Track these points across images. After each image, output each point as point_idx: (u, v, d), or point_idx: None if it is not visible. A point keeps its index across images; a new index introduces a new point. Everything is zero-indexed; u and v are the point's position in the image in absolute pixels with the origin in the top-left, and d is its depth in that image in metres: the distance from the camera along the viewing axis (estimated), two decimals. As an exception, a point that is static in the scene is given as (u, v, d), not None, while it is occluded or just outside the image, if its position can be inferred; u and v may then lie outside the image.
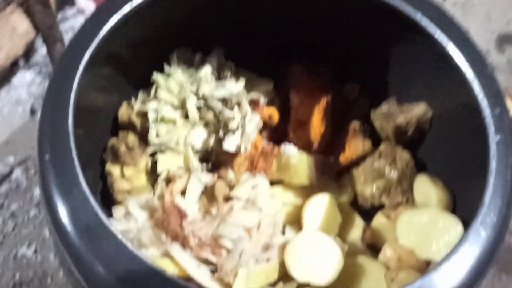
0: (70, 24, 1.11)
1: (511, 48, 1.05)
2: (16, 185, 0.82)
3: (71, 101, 0.48)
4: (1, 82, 0.92)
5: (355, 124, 0.69)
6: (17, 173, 0.84)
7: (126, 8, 0.54)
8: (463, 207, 0.59)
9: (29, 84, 0.94)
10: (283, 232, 0.61)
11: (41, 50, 1.03)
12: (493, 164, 0.45)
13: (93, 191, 0.63)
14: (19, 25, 0.92)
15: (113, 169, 0.64)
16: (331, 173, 0.67)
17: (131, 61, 0.65)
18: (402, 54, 0.66)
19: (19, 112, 0.91)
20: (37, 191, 0.85)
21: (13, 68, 0.94)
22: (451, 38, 0.56)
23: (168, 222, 0.58)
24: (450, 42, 0.54)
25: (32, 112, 0.90)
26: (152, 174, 0.65)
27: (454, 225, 0.54)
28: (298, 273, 0.54)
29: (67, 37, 1.06)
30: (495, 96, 0.48)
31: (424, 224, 0.56)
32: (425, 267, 0.56)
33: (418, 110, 0.66)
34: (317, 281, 0.54)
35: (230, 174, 0.65)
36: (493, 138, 0.46)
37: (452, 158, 0.63)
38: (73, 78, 0.52)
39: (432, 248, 0.54)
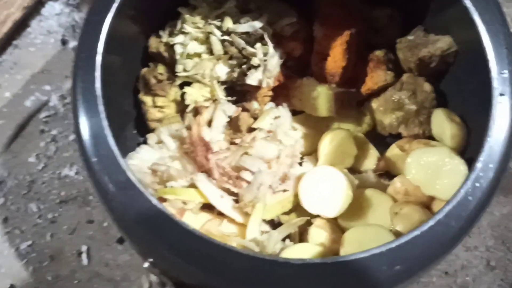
0: None
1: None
2: (54, 112, 0.86)
3: (104, 35, 0.52)
4: (32, 13, 0.92)
5: (378, 53, 0.70)
6: (54, 101, 0.87)
7: None
8: (474, 143, 0.61)
9: (58, 14, 0.95)
10: (301, 164, 0.66)
11: None
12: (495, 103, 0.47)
13: (129, 118, 0.70)
14: None
15: (146, 99, 0.68)
16: (352, 104, 0.69)
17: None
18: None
19: (51, 42, 0.92)
20: None
21: (41, -1, 0.96)
22: None
23: (194, 154, 0.64)
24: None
25: (64, 42, 0.92)
26: (182, 103, 0.69)
27: (459, 167, 0.57)
28: (310, 206, 0.60)
29: None
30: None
31: (432, 163, 0.59)
32: (430, 202, 0.61)
33: (442, 43, 0.65)
34: (326, 214, 0.59)
35: (254, 105, 0.68)
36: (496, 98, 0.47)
37: (472, 94, 0.63)
38: (106, 12, 0.56)
39: (437, 186, 0.58)
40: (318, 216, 0.60)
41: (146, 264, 0.46)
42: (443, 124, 0.64)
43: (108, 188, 0.47)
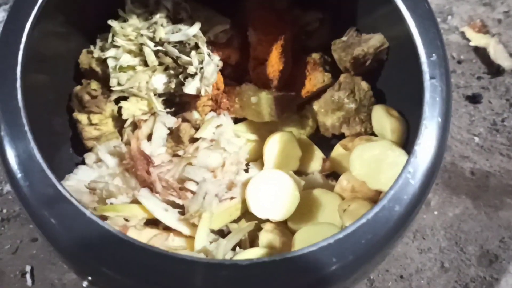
0: None
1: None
2: None
3: (22, 46, 0.49)
4: None
5: (314, 56, 0.70)
6: None
7: None
8: (413, 134, 0.62)
9: (1, 22, 0.91)
10: (247, 171, 0.65)
11: None
12: (427, 97, 0.48)
13: (63, 139, 0.67)
14: None
15: (81, 117, 0.66)
16: (293, 108, 0.69)
17: (86, 6, 0.65)
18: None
19: None
20: None
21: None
22: None
23: (135, 169, 0.61)
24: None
25: None
26: (119, 119, 0.67)
27: (401, 158, 0.58)
28: (258, 211, 0.59)
29: None
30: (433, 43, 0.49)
31: (375, 157, 0.59)
32: (377, 196, 0.61)
33: (374, 41, 0.66)
34: (275, 217, 0.58)
35: (195, 115, 0.67)
36: (427, 80, 0.48)
37: (406, 89, 0.64)
38: (24, 23, 0.53)
39: (382, 180, 0.58)
40: (267, 220, 0.59)
41: (84, 284, 0.42)
42: (382, 119, 0.65)
43: (41, 211, 0.44)
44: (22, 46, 0.52)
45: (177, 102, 0.68)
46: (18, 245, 0.73)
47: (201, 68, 0.63)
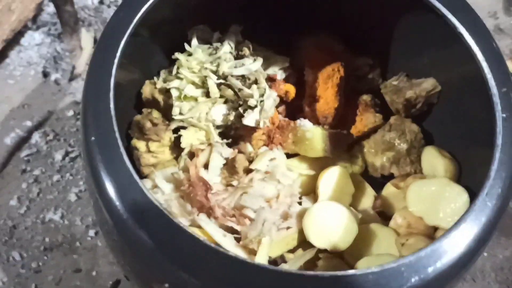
0: None
1: (519, 9, 1.02)
2: (36, 150, 0.83)
3: (112, 86, 0.51)
4: (10, 43, 0.89)
5: (366, 97, 0.73)
6: (36, 137, 0.84)
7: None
8: (468, 176, 0.63)
9: (38, 45, 0.93)
10: (300, 203, 0.66)
11: (47, 9, 1.01)
12: (499, 140, 0.49)
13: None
14: None
15: (139, 144, 0.67)
16: (344, 145, 0.71)
17: (153, 41, 0.68)
18: (411, 30, 0.68)
19: (32, 74, 0.89)
20: (57, 156, 0.86)
21: (20, 28, 0.93)
22: (459, 16, 0.58)
23: (194, 194, 0.62)
24: (458, 19, 0.57)
25: (45, 75, 0.90)
26: (176, 148, 0.68)
27: (460, 194, 0.58)
28: (317, 240, 0.58)
29: None
30: (503, 75, 0.51)
31: (432, 193, 0.60)
32: (432, 233, 0.61)
33: (427, 84, 0.69)
34: (334, 247, 0.58)
35: (249, 148, 0.69)
36: (500, 116, 0.50)
37: (458, 130, 0.66)
38: (111, 64, 0.56)
39: (440, 215, 0.59)
40: (325, 251, 0.59)
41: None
42: (435, 160, 0.66)
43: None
44: (112, 86, 0.55)
45: (232, 135, 0.70)
46: (61, 276, 0.72)
47: (261, 101, 0.66)
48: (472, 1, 0.57)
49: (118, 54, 0.54)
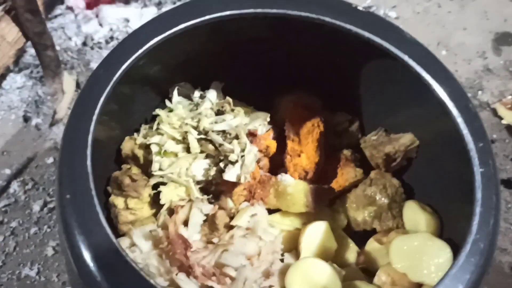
0: (59, 22, 1.09)
1: (508, 49, 0.99)
2: (14, 200, 0.81)
3: (89, 143, 0.51)
4: None
5: (346, 152, 0.74)
6: (14, 186, 0.82)
7: (134, 55, 0.57)
8: (450, 230, 0.63)
9: (20, 88, 0.91)
10: (282, 260, 0.64)
11: (30, 50, 1.00)
12: (478, 194, 0.49)
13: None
14: (8, 33, 0.88)
15: (117, 201, 0.66)
16: (326, 200, 0.70)
17: (133, 98, 0.69)
18: (387, 87, 0.70)
19: (12, 119, 0.88)
20: (35, 207, 0.84)
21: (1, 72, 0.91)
22: (434, 74, 0.60)
23: (173, 252, 0.60)
24: (433, 78, 0.58)
25: (26, 120, 0.89)
26: (155, 204, 0.67)
27: (443, 250, 0.58)
28: (299, 299, 0.57)
29: (57, 35, 1.04)
30: (479, 130, 0.52)
31: (415, 249, 0.60)
32: (417, 289, 0.60)
33: (405, 140, 0.70)
34: (317, 306, 0.56)
35: (230, 203, 0.68)
36: (478, 170, 0.50)
37: (438, 184, 0.67)
38: (89, 121, 0.55)
39: (424, 271, 0.58)
40: (308, 310, 0.57)
41: None
42: (416, 215, 0.66)
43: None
44: (89, 143, 0.54)
45: (213, 190, 0.69)
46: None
47: (242, 156, 0.66)
48: (460, 41, 0.58)
49: (97, 111, 0.54)
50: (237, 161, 0.65)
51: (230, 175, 0.65)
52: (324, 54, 0.68)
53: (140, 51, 0.55)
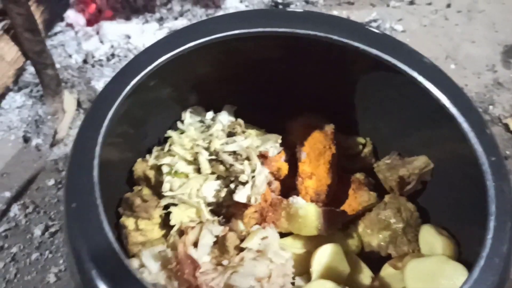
0: (59, 39, 1.07)
1: (518, 61, 0.97)
2: (14, 224, 0.79)
3: (96, 155, 0.51)
4: None
5: (359, 176, 0.73)
6: (15, 210, 0.80)
7: (143, 72, 0.58)
8: (467, 254, 0.61)
9: (19, 108, 0.89)
10: (293, 283, 0.63)
11: (30, 69, 0.98)
12: (492, 208, 0.47)
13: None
14: (7, 52, 0.86)
15: (128, 222, 0.66)
16: (339, 224, 0.69)
17: (146, 121, 0.70)
18: (402, 111, 0.70)
19: (12, 140, 0.86)
20: (37, 232, 0.82)
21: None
22: (447, 93, 0.60)
23: (181, 272, 0.59)
24: (446, 97, 0.58)
25: (26, 140, 0.87)
26: (165, 226, 0.67)
27: (460, 272, 0.56)
28: (310, 322, 0.55)
29: (57, 52, 1.02)
30: (491, 146, 0.51)
31: (431, 271, 0.58)
32: (434, 314, 0.57)
33: (419, 162, 0.69)
34: (328, 330, 0.54)
35: (241, 226, 0.67)
36: (491, 185, 0.49)
37: (454, 206, 0.65)
38: (97, 136, 0.56)
39: (440, 294, 0.56)
40: (320, 334, 0.55)
41: None
42: (432, 238, 0.64)
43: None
44: (97, 155, 0.55)
45: (224, 213, 0.68)
46: None
47: (253, 176, 0.65)
48: (470, 54, 0.57)
49: (103, 127, 0.54)
50: (247, 182, 0.65)
51: (240, 196, 0.65)
52: (335, 75, 0.69)
53: (148, 69, 0.56)
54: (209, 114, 0.72)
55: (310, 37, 0.57)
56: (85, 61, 1.06)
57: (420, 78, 0.58)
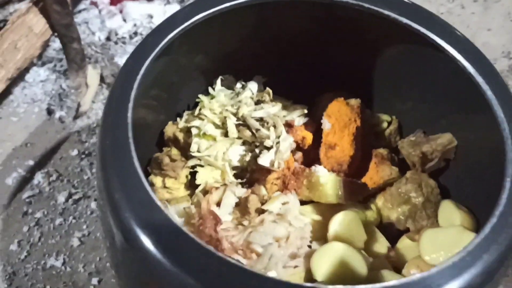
0: (83, 17, 1.10)
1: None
2: (38, 191, 0.81)
3: (129, 113, 0.54)
4: (15, 79, 0.87)
5: (382, 151, 0.74)
6: (38, 178, 0.82)
7: (175, 33, 0.60)
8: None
9: (43, 81, 0.91)
10: (310, 246, 0.64)
11: (53, 45, 1.00)
12: (509, 170, 0.48)
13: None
14: (35, 24, 0.89)
15: (156, 180, 0.69)
16: (359, 196, 0.70)
17: (179, 84, 0.73)
18: (433, 90, 0.70)
19: (36, 112, 0.87)
20: (60, 198, 0.84)
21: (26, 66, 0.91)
22: (485, 77, 0.59)
23: (203, 227, 0.62)
24: (483, 80, 0.57)
25: (49, 112, 0.88)
26: (190, 186, 0.70)
27: (476, 242, 0.56)
28: (324, 280, 0.56)
29: (81, 30, 1.05)
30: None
31: (447, 241, 0.58)
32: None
33: (443, 139, 0.69)
34: None
35: (263, 191, 0.69)
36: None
37: (476, 187, 0.65)
38: (129, 93, 0.59)
39: (455, 263, 0.56)
40: (332, 291, 0.56)
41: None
42: (452, 213, 0.65)
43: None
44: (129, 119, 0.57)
45: (247, 178, 0.71)
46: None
47: (278, 142, 0.67)
48: (485, 41, 0.58)
49: (135, 86, 0.57)
50: (272, 147, 0.67)
51: (264, 160, 0.67)
52: (366, 48, 0.70)
53: (179, 29, 0.58)
54: (239, 83, 0.75)
55: (342, 4, 0.58)
56: (108, 39, 1.09)
57: (452, 51, 0.58)
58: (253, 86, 0.73)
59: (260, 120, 0.70)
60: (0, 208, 0.79)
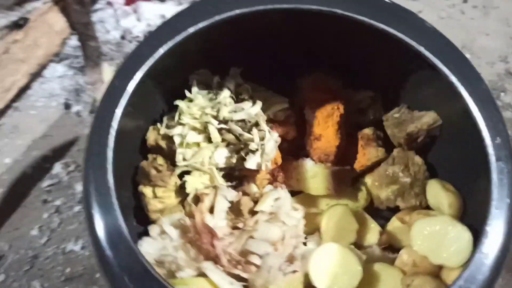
0: (99, 16, 1.14)
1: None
2: (57, 181, 0.85)
3: (111, 150, 0.53)
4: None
5: (368, 131, 0.73)
6: (57, 168, 0.86)
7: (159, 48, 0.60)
8: (472, 211, 0.63)
9: (61, 77, 0.96)
10: (305, 243, 0.66)
11: (70, 42, 1.04)
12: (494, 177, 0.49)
13: (128, 210, 0.70)
14: (56, 23, 0.93)
15: (146, 190, 0.69)
16: (348, 181, 0.71)
17: (155, 89, 0.70)
18: (409, 66, 0.68)
19: (53, 105, 0.92)
20: (78, 187, 0.88)
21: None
22: (457, 71, 0.60)
23: (200, 242, 0.63)
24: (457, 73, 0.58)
25: (67, 107, 0.93)
26: (181, 192, 0.70)
27: (463, 234, 0.58)
28: (322, 285, 0.59)
29: (97, 28, 1.07)
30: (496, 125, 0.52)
31: (436, 232, 0.60)
32: (438, 271, 0.61)
33: (428, 118, 0.69)
34: (338, 292, 0.59)
35: (254, 188, 0.70)
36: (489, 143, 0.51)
37: (460, 163, 0.66)
38: (114, 111, 0.59)
39: (444, 254, 0.59)
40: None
41: None
42: (438, 194, 0.66)
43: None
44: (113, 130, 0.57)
45: (237, 176, 0.71)
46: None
47: (262, 144, 0.67)
48: (483, 45, 0.58)
49: (122, 104, 0.58)
50: (257, 149, 0.67)
51: (251, 163, 0.67)
52: (342, 35, 0.67)
53: (163, 50, 0.59)
54: (216, 79, 0.72)
55: (313, 11, 0.55)
56: (122, 37, 1.12)
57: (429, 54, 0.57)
58: (230, 82, 0.71)
59: (242, 121, 0.68)
60: (21, 196, 0.82)
